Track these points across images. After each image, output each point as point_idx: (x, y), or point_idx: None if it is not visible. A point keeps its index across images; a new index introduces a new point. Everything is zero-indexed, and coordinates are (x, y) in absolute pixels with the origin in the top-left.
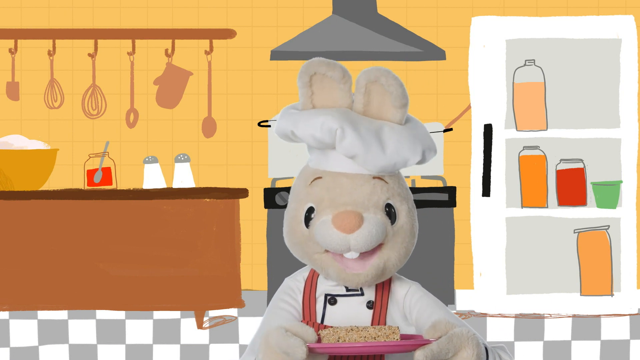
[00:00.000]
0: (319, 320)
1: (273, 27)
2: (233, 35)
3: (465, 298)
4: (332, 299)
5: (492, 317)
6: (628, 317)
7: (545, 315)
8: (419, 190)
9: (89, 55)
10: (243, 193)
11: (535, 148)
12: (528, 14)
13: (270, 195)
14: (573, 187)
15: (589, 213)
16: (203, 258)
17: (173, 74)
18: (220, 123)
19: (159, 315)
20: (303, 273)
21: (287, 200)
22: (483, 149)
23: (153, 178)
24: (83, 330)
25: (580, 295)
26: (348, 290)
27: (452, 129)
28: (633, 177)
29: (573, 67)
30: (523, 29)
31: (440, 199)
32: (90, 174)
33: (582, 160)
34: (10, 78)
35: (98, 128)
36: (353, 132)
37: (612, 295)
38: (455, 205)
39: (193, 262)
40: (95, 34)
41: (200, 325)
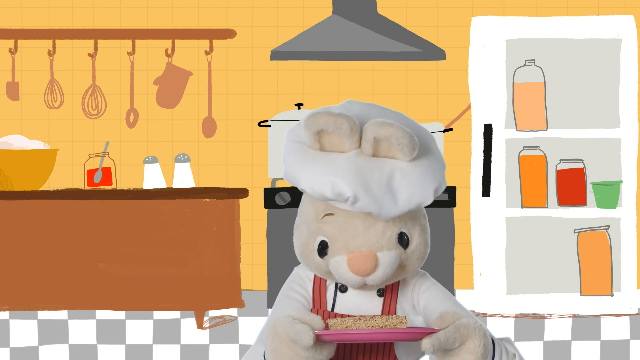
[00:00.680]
0: (329, 308)
1: (273, 27)
2: (233, 35)
3: (465, 298)
4: (342, 287)
5: (492, 317)
6: (628, 317)
7: (545, 315)
8: None
9: (89, 55)
10: (243, 193)
11: (535, 148)
12: (528, 14)
13: (270, 195)
14: (573, 187)
15: (589, 213)
16: (203, 258)
17: (173, 74)
18: (220, 123)
19: (159, 315)
20: None
21: (287, 200)
22: (483, 149)
23: (153, 178)
24: (83, 330)
25: (580, 295)
26: None
27: (452, 129)
28: (633, 177)
29: (573, 67)
30: (523, 29)
31: (440, 199)
32: (90, 174)
33: (582, 160)
34: (10, 78)
35: (98, 128)
36: (365, 194)
37: (612, 295)
38: (455, 205)
39: (193, 262)
40: (95, 34)
41: (200, 325)
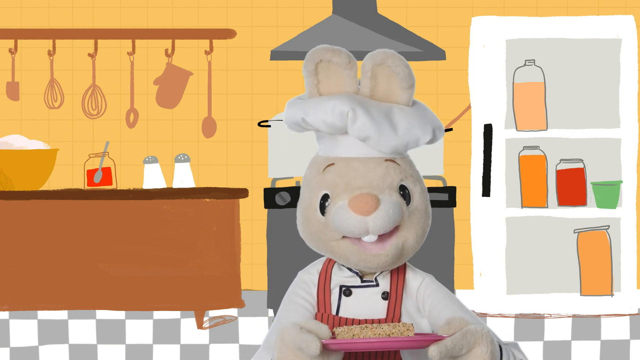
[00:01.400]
0: (334, 312)
1: (273, 27)
2: (233, 35)
3: (465, 298)
4: (347, 290)
5: (492, 317)
6: (628, 317)
7: (545, 315)
8: None
9: (89, 55)
10: (243, 193)
11: (535, 148)
12: (528, 14)
13: (270, 195)
14: (573, 187)
15: (589, 213)
16: (203, 258)
17: (173, 74)
18: (220, 123)
19: (159, 315)
20: (317, 266)
21: (287, 200)
22: (483, 149)
23: (153, 178)
24: (83, 330)
25: (580, 295)
26: (363, 281)
27: (452, 129)
28: (633, 177)
29: (573, 67)
30: (523, 29)
31: (440, 199)
32: (90, 174)
33: (582, 160)
34: (10, 78)
35: (98, 128)
36: (365, 114)
37: (612, 295)
38: (455, 205)
39: (193, 262)
40: (95, 34)
41: (200, 325)
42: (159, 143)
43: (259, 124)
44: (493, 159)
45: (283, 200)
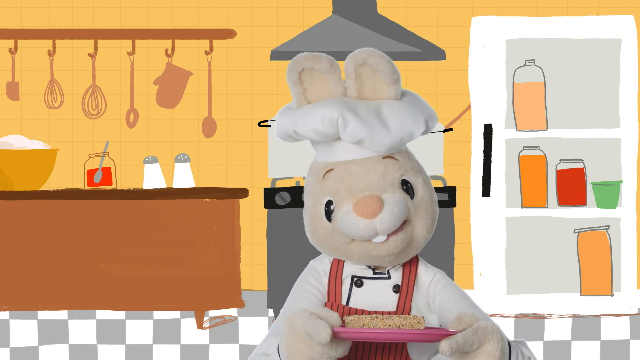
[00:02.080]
0: (344, 303)
1: (273, 27)
2: (233, 35)
3: None
4: (358, 281)
5: (492, 317)
6: (628, 317)
7: (545, 315)
8: None
9: (89, 55)
10: (243, 193)
11: (535, 148)
12: (528, 14)
13: (270, 195)
14: (573, 187)
15: (589, 213)
16: (203, 258)
17: (173, 74)
18: (220, 123)
19: (159, 315)
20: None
21: (287, 200)
22: (483, 149)
23: (153, 178)
24: (83, 330)
25: (580, 295)
26: (375, 273)
27: (452, 129)
28: (633, 177)
29: (573, 67)
30: (523, 29)
31: (440, 199)
32: (90, 174)
33: (582, 160)
34: (10, 78)
35: (98, 128)
36: (354, 117)
37: (612, 295)
38: (455, 205)
39: (193, 262)
40: (95, 34)
41: (200, 325)
42: (159, 143)
43: (259, 124)
44: (493, 159)
45: (283, 200)
